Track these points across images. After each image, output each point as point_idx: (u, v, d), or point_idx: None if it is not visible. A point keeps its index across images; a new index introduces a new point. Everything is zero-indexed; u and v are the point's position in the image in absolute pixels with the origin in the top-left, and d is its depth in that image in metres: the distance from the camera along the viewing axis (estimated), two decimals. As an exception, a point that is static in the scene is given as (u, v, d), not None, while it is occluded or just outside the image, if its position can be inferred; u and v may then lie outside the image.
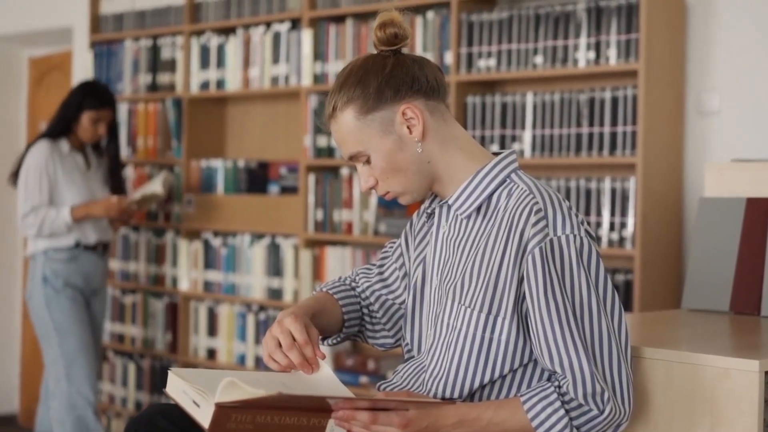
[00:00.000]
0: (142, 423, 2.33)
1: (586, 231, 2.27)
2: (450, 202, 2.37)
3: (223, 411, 2.04)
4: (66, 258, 4.98)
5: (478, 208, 2.34)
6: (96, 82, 5.24)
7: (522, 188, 2.30)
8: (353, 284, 2.64)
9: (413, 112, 2.31)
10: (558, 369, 2.20)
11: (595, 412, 2.18)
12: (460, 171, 2.35)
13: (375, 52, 2.39)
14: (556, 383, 2.21)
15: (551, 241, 2.22)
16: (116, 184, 5.20)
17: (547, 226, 2.23)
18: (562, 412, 2.19)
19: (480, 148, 2.41)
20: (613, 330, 2.23)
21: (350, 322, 2.57)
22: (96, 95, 5.06)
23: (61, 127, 5.06)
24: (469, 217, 2.35)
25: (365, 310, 2.60)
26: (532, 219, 2.23)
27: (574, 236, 2.23)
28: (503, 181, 2.34)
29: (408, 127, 2.32)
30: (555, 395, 2.20)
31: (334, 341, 2.60)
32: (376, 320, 2.60)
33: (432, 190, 2.40)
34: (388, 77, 2.32)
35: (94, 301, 5.15)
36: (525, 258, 2.22)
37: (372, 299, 2.59)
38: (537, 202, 2.25)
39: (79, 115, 5.04)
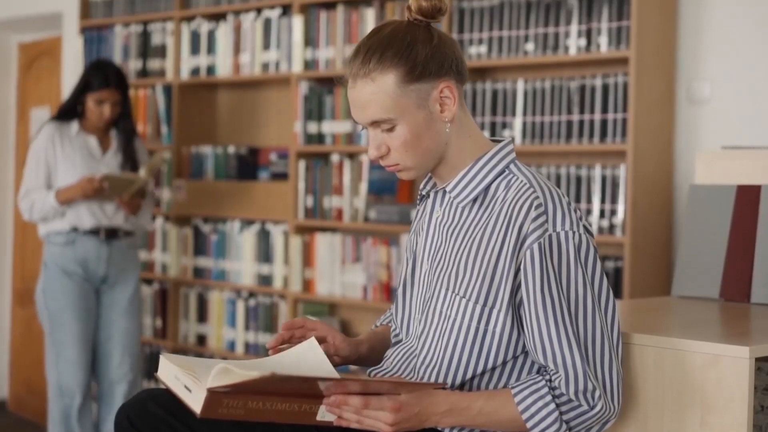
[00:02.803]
0: (133, 408, 2.33)
1: (585, 227, 2.26)
2: (448, 189, 2.35)
3: (214, 396, 2.03)
4: (62, 242, 4.85)
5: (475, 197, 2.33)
6: (102, 62, 5.03)
7: (522, 181, 2.29)
8: None
9: (451, 92, 2.29)
10: (551, 365, 2.20)
11: (585, 407, 2.19)
12: (464, 157, 2.34)
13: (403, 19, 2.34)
14: (548, 377, 2.22)
15: (550, 236, 2.21)
16: (130, 168, 4.97)
17: (546, 221, 2.22)
18: (552, 406, 2.19)
19: (483, 136, 2.39)
20: (606, 327, 2.23)
21: None
22: (99, 75, 4.86)
23: (67, 109, 4.93)
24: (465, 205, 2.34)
25: None
26: (532, 214, 2.22)
27: (573, 233, 2.23)
28: (502, 172, 2.33)
29: (440, 106, 2.29)
30: (546, 389, 2.20)
31: None
32: None
33: (431, 171, 2.38)
34: (435, 51, 2.28)
35: (109, 292, 4.96)
36: (523, 252, 2.22)
37: None
38: (537, 197, 2.24)
39: (84, 96, 4.89)
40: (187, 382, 2.12)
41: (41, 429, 6.35)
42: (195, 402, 2.08)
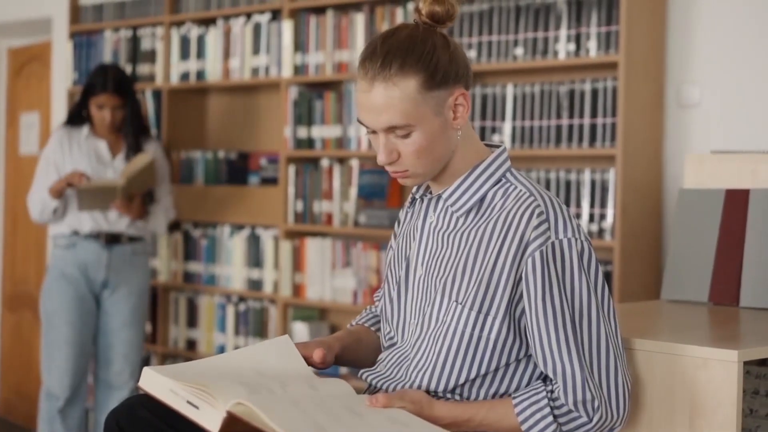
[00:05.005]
0: (122, 414, 2.31)
1: (585, 235, 2.26)
2: (444, 196, 2.34)
3: (233, 417, 2.00)
4: (65, 245, 4.88)
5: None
6: (103, 66, 5.01)
7: (521, 190, 2.28)
8: (375, 310, 2.64)
9: (465, 99, 2.27)
10: (550, 374, 2.21)
11: (584, 419, 2.19)
12: (465, 164, 2.33)
13: (411, 23, 2.31)
14: (549, 387, 2.22)
15: (552, 244, 2.21)
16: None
17: (548, 229, 2.21)
18: (550, 418, 2.19)
19: (480, 142, 2.38)
20: (611, 334, 2.23)
21: None
22: (98, 79, 4.86)
23: (74, 114, 4.96)
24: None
25: None
26: (534, 222, 2.21)
27: (576, 239, 2.23)
28: (498, 180, 2.32)
29: (453, 112, 2.26)
30: (545, 400, 2.20)
31: None
32: None
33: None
34: (453, 57, 2.25)
35: (110, 298, 4.95)
36: (524, 260, 2.21)
37: None
38: (539, 205, 2.23)
39: (88, 100, 4.91)
40: (191, 398, 2.08)
41: (31, 434, 6.35)
42: (207, 420, 2.04)
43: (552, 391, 2.21)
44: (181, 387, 2.11)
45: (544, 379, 2.29)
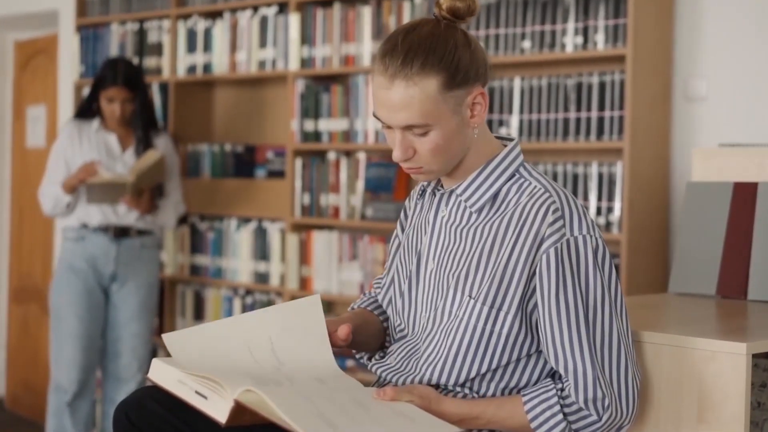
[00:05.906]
0: (131, 406, 2.31)
1: (599, 232, 2.26)
2: (458, 191, 2.33)
3: (241, 406, 2.00)
4: (74, 238, 4.88)
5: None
6: (113, 59, 5.01)
7: (535, 186, 2.27)
8: (375, 295, 2.63)
9: (483, 98, 2.24)
10: (561, 371, 2.21)
11: (594, 417, 2.19)
12: (478, 160, 2.32)
13: (431, 17, 2.28)
14: (560, 385, 2.22)
15: (568, 241, 2.20)
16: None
17: (564, 226, 2.20)
18: (560, 416, 2.20)
19: (493, 136, 2.37)
20: (623, 332, 2.23)
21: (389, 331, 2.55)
22: (108, 73, 4.86)
23: (85, 107, 4.97)
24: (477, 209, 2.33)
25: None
26: (549, 218, 2.20)
27: (591, 236, 2.22)
28: (512, 176, 2.31)
29: (471, 111, 2.24)
30: (555, 398, 2.20)
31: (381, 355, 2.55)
32: None
33: None
34: (473, 56, 2.23)
35: (119, 292, 4.95)
36: (538, 256, 2.20)
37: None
38: (554, 202, 2.22)
39: (98, 94, 4.91)
40: (200, 388, 2.08)
41: (38, 427, 6.35)
42: (215, 410, 2.04)
43: (562, 389, 2.21)
44: (190, 377, 2.11)
45: (553, 375, 2.29)
